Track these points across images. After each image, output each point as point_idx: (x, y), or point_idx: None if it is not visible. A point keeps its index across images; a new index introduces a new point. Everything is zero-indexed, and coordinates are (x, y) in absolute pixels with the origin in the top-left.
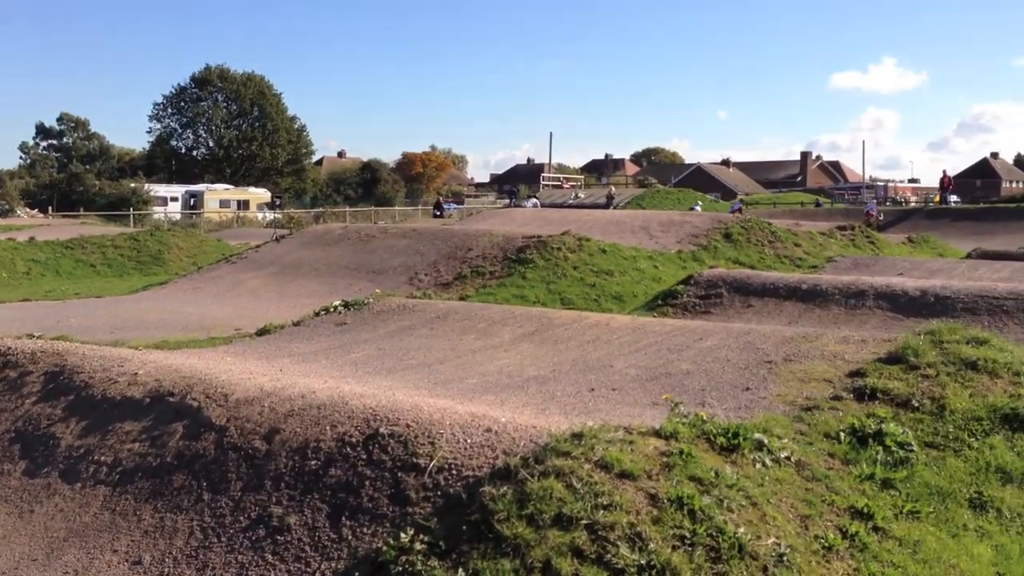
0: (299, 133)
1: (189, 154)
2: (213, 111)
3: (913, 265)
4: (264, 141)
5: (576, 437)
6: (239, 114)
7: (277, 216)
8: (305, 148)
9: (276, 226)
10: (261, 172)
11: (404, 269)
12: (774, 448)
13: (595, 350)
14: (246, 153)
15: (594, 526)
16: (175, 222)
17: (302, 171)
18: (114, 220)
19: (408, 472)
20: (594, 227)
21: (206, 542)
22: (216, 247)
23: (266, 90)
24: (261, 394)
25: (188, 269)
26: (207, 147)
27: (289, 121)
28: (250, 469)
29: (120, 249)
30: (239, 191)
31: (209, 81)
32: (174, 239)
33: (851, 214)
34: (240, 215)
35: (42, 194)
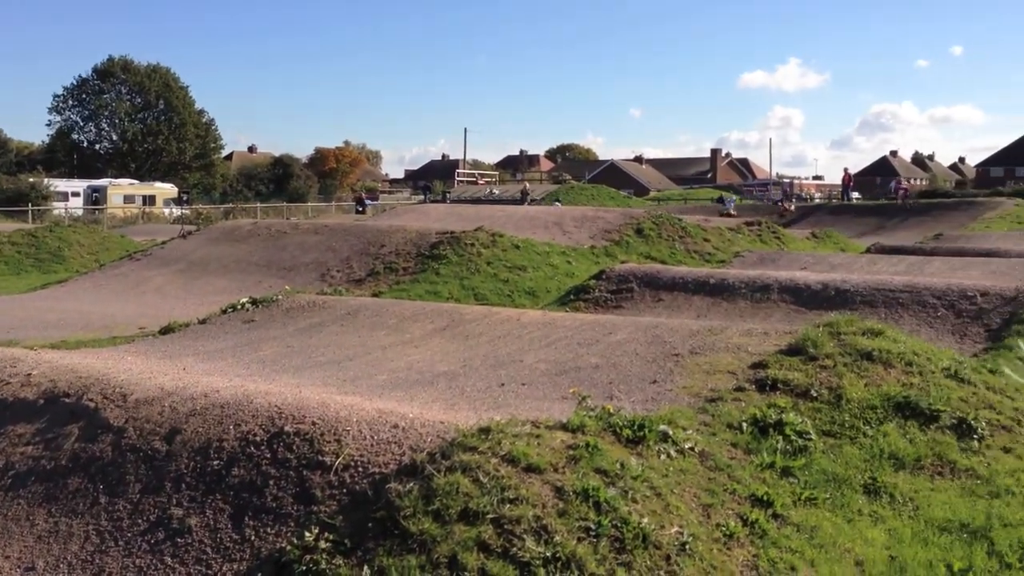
0: (207, 127)
1: (92, 148)
2: (116, 104)
3: (816, 260)
4: (170, 135)
5: (483, 432)
6: (144, 107)
7: (185, 212)
8: (214, 142)
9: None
10: (168, 167)
11: (316, 266)
12: (679, 439)
13: (506, 345)
14: (152, 147)
15: (500, 520)
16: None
17: (211, 166)
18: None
19: (314, 470)
20: (508, 223)
21: (103, 546)
22: (120, 244)
23: (172, 82)
24: (162, 394)
25: (90, 266)
26: (110, 141)
27: (197, 115)
28: (149, 471)
29: (17, 246)
30: (144, 186)
31: (112, 73)
32: (75, 235)
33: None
34: (146, 211)
35: None
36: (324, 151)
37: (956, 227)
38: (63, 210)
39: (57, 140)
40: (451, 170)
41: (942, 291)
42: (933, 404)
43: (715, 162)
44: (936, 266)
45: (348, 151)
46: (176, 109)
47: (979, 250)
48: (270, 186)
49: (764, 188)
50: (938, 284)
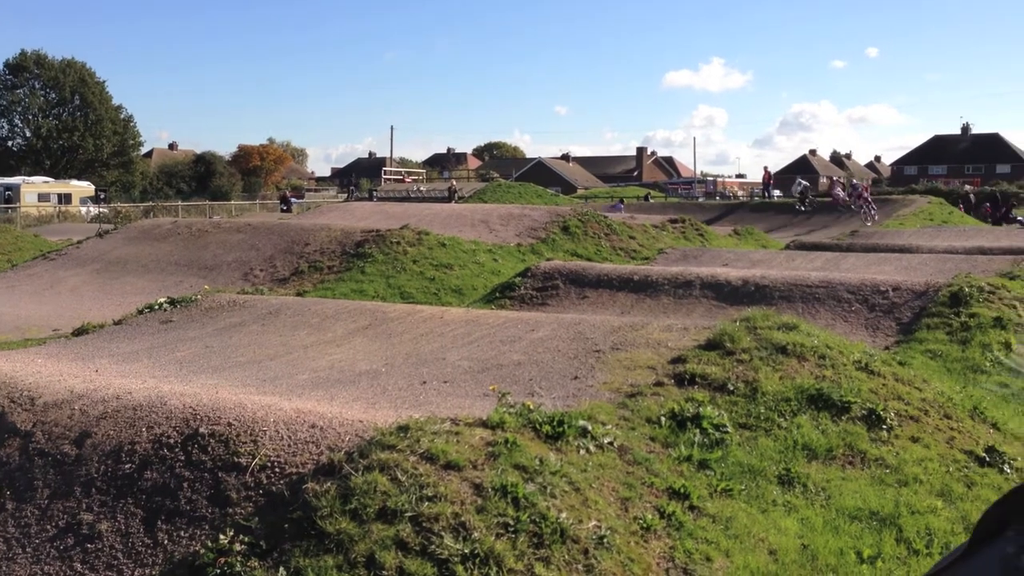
0: (125, 123)
1: (3, 145)
2: (29, 99)
3: (737, 256)
4: (87, 131)
5: (402, 430)
6: (59, 103)
7: (102, 210)
8: (132, 139)
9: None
10: (84, 164)
11: (239, 265)
12: (598, 434)
13: (428, 343)
14: (67, 144)
15: (418, 518)
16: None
17: (130, 163)
18: None
19: (229, 472)
20: (434, 221)
21: (9, 553)
22: (34, 243)
23: (88, 78)
24: (72, 396)
25: (2, 267)
26: (23, 137)
27: (114, 111)
28: (58, 476)
29: None
30: (60, 184)
31: (25, 67)
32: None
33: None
34: (61, 209)
35: None
36: (248, 148)
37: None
38: None
39: None
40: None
41: (856, 286)
42: (844, 396)
43: (641, 160)
44: (851, 262)
45: (272, 149)
46: (92, 105)
47: (893, 246)
48: (192, 184)
49: (688, 186)
50: (852, 279)
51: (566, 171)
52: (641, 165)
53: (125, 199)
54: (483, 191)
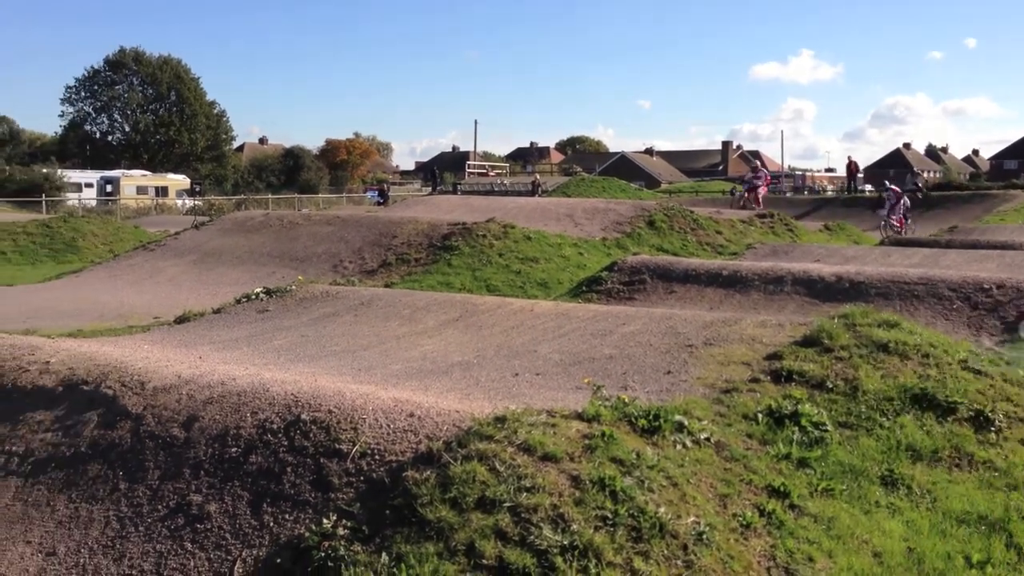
0: (219, 118)
1: (104, 139)
2: (128, 95)
3: (829, 252)
4: (182, 126)
5: (499, 421)
6: (156, 98)
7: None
8: (225, 134)
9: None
10: (180, 158)
11: (328, 257)
12: (694, 430)
13: (519, 336)
14: (164, 138)
15: (517, 508)
16: (90, 209)
17: (222, 157)
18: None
19: (330, 458)
20: (519, 215)
21: (123, 532)
22: (133, 234)
23: (183, 74)
24: (179, 381)
25: (104, 256)
26: (123, 132)
27: (208, 106)
28: (168, 457)
29: (32, 236)
30: (157, 177)
31: (124, 64)
32: (89, 226)
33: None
34: (158, 202)
35: None
36: (335, 143)
37: (970, 219)
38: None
39: (70, 131)
40: (461, 162)
41: (957, 284)
42: (950, 396)
43: (727, 154)
44: (951, 258)
45: (359, 143)
46: (188, 100)
47: (994, 242)
48: (281, 177)
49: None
50: (953, 277)
51: (649, 165)
52: (726, 159)
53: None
54: (566, 185)
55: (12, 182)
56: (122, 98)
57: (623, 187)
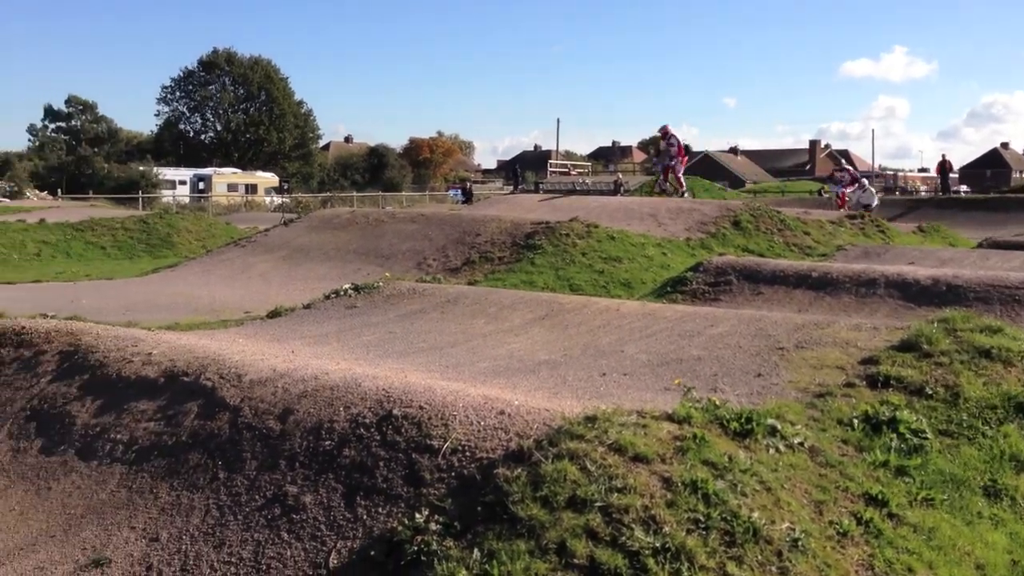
0: (306, 117)
1: (197, 138)
2: (221, 95)
3: (923, 254)
4: (271, 125)
5: (589, 420)
6: (246, 98)
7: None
8: (312, 133)
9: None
10: (268, 156)
11: (413, 254)
12: (787, 434)
13: (606, 335)
14: (253, 137)
15: (608, 509)
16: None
17: (309, 155)
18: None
19: (422, 453)
20: (602, 214)
21: (222, 520)
22: (225, 230)
23: (273, 74)
24: (274, 375)
25: (197, 252)
26: (215, 131)
27: (296, 105)
28: (265, 449)
29: (130, 232)
30: (247, 175)
31: (216, 65)
32: (183, 222)
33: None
34: (248, 199)
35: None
36: (418, 141)
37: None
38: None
39: (165, 130)
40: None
41: None
42: None
43: (814, 153)
44: None
45: (441, 141)
46: (277, 100)
47: None
48: (365, 175)
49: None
50: None
51: (734, 165)
52: (814, 159)
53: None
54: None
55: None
56: (214, 98)
57: (707, 187)
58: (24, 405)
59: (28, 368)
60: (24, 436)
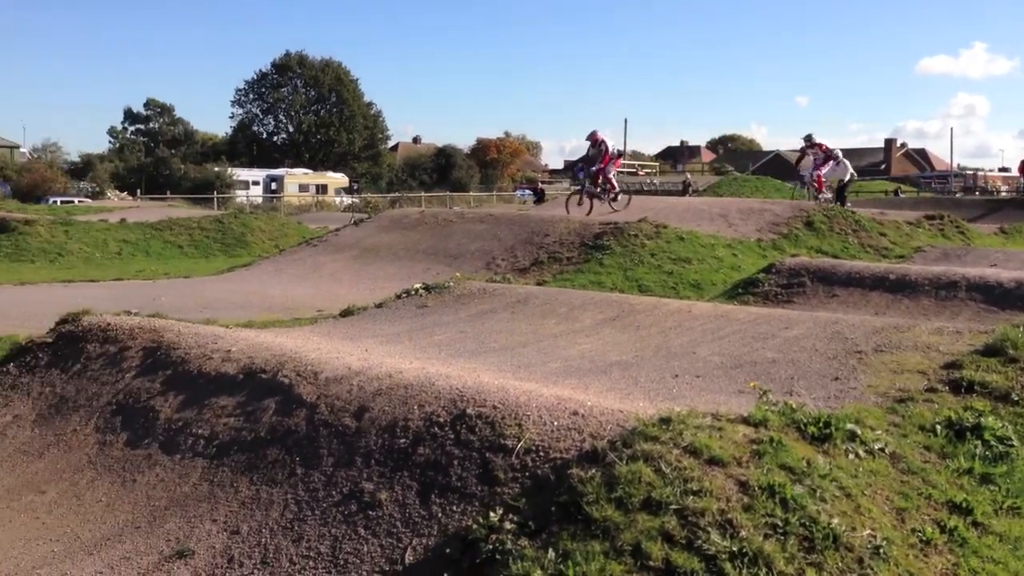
0: (375, 119)
1: (270, 139)
2: (293, 97)
3: (1006, 256)
4: (341, 126)
5: (664, 422)
6: (317, 100)
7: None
8: (381, 133)
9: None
10: (338, 157)
11: (481, 254)
12: (867, 439)
13: (677, 337)
14: (324, 138)
15: (684, 511)
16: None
17: (378, 156)
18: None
19: (496, 453)
20: (671, 214)
21: (300, 515)
22: (297, 230)
23: (343, 76)
24: (349, 373)
25: (270, 251)
26: (287, 132)
27: (366, 107)
28: (341, 445)
29: (206, 231)
30: (318, 175)
31: (289, 67)
32: (256, 222)
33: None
34: (319, 199)
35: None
36: (485, 142)
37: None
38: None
39: (238, 132)
40: None
41: None
42: None
43: (889, 153)
44: None
45: (509, 142)
46: (347, 102)
47: None
48: (433, 176)
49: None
50: None
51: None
52: (889, 158)
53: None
54: (718, 184)
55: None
56: (287, 100)
57: (778, 187)
58: (110, 399)
59: (113, 363)
60: (110, 430)
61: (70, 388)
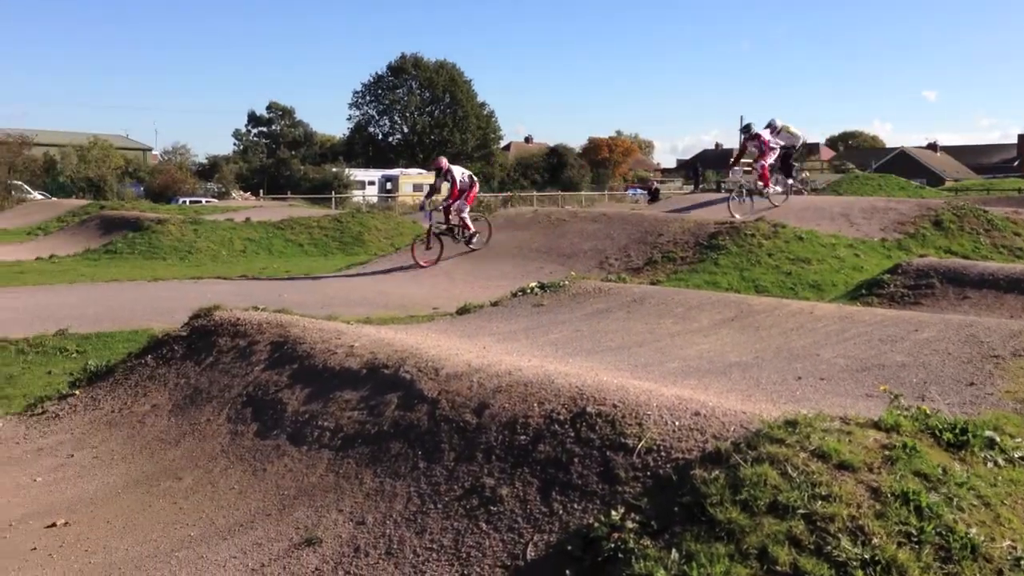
0: (488, 119)
1: (385, 140)
2: (408, 98)
3: None
4: (455, 127)
5: (790, 424)
6: (432, 101)
7: None
8: (493, 133)
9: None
10: (451, 157)
11: (594, 253)
12: (1007, 447)
13: (799, 338)
14: (438, 139)
15: (812, 516)
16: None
17: (491, 156)
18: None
19: (616, 452)
20: (789, 213)
21: (423, 508)
22: (412, 228)
23: (457, 77)
24: (469, 369)
25: (386, 249)
26: (401, 133)
27: (479, 107)
28: (462, 441)
29: (325, 230)
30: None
31: (404, 69)
32: (373, 221)
33: None
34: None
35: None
36: (597, 141)
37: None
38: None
39: (355, 133)
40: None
41: None
42: None
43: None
44: None
45: (620, 141)
46: (460, 102)
47: None
48: (545, 175)
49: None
50: None
51: (932, 161)
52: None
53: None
54: (838, 183)
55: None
56: (402, 101)
57: (902, 185)
58: (240, 391)
59: (243, 357)
60: (241, 420)
61: (203, 380)
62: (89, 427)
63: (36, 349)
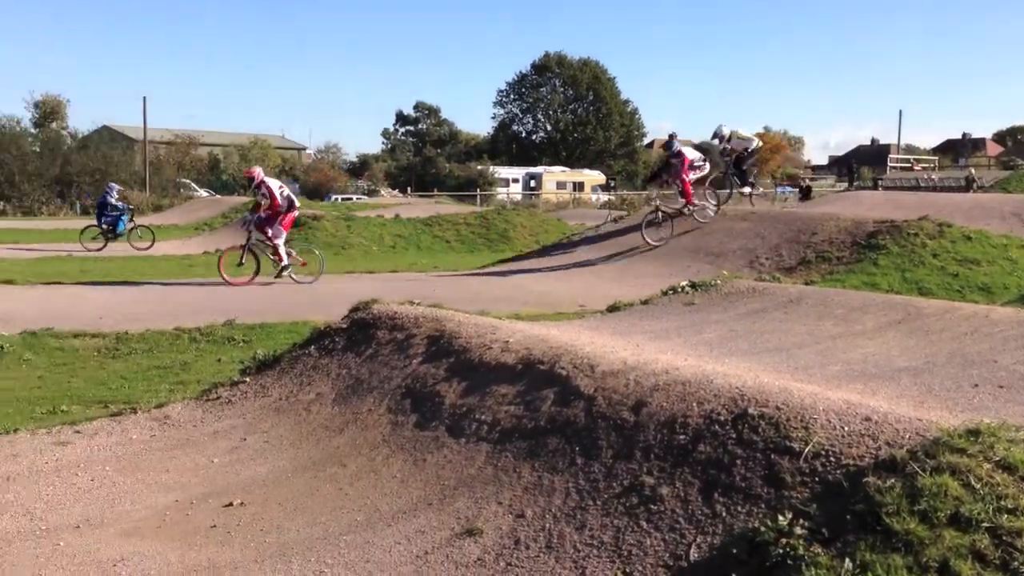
0: (632, 116)
1: (528, 138)
2: (551, 96)
3: None
4: (598, 124)
5: (972, 434)
6: (575, 99)
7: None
8: (637, 131)
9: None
10: (594, 155)
11: (744, 252)
12: None
13: (974, 343)
14: (580, 136)
15: (997, 530)
16: (516, 202)
17: (634, 153)
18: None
19: (781, 455)
20: (955, 212)
21: (582, 503)
22: (556, 226)
23: (600, 75)
24: (625, 367)
25: (531, 246)
26: (545, 131)
27: (622, 104)
28: (619, 438)
29: (471, 227)
30: (574, 173)
31: (548, 68)
32: (518, 218)
33: None
34: (576, 196)
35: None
36: None
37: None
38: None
39: (499, 131)
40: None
41: None
42: None
43: None
44: None
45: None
46: (604, 100)
47: None
48: None
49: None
50: None
51: None
52: None
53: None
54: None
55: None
56: (545, 99)
57: None
58: (399, 383)
59: (401, 349)
60: (400, 411)
61: (364, 371)
62: (259, 413)
63: (207, 338)
